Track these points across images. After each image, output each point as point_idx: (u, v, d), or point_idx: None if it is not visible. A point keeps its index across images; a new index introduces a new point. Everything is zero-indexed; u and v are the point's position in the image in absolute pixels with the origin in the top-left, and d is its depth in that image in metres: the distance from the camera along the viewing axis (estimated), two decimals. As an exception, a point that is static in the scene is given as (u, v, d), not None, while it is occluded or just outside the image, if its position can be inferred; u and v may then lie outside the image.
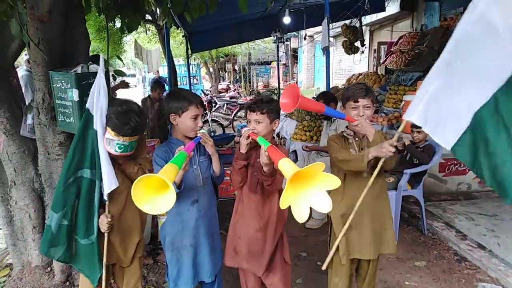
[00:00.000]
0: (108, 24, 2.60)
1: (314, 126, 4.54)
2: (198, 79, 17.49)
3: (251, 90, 16.90)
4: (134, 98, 1.96)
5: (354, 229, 1.83)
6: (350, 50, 6.92)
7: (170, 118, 1.75)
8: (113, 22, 2.59)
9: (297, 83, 17.88)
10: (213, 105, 10.03)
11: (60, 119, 2.07)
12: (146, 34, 10.65)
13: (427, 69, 1.66)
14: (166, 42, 5.46)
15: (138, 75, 27.52)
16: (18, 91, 2.52)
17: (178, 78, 10.35)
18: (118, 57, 3.36)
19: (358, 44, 6.86)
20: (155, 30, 8.15)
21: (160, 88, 5.23)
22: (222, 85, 18.06)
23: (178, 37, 11.28)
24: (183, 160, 1.43)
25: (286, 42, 16.55)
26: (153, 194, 1.21)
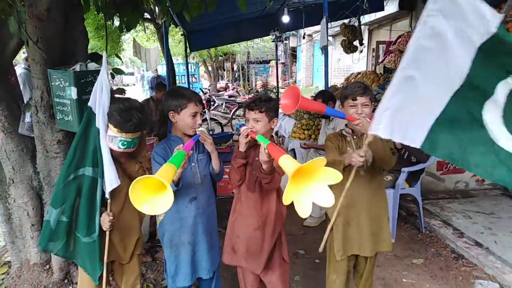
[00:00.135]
0: (106, 22, 2.60)
1: (312, 125, 4.55)
2: (196, 78, 17.47)
3: (250, 88, 16.90)
4: (133, 96, 1.96)
5: (351, 226, 1.85)
6: (349, 49, 6.92)
7: (169, 116, 1.75)
8: (111, 20, 2.60)
9: (295, 82, 17.90)
10: (211, 103, 10.02)
11: (58, 117, 2.07)
12: (145, 32, 10.62)
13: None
14: (164, 40, 5.44)
15: (136, 74, 27.51)
16: (16, 89, 2.52)
17: (177, 77, 10.32)
18: (116, 55, 3.35)
19: (356, 43, 6.86)
20: (154, 29, 8.13)
21: (164, 89, 5.15)
22: (221, 83, 18.04)
23: (176, 35, 11.26)
24: (181, 159, 1.43)
25: (285, 41, 16.57)
26: (151, 195, 1.20)
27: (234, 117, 9.33)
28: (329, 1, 3.63)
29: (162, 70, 12.53)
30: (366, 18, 8.03)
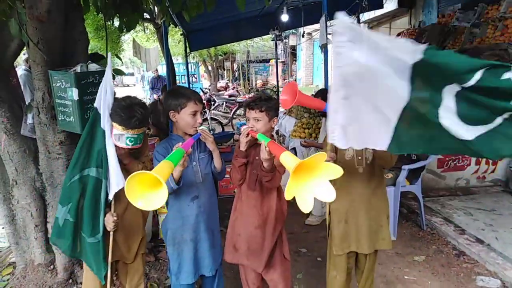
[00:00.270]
0: (106, 23, 2.60)
1: (313, 124, 4.55)
2: (197, 78, 17.46)
3: (250, 88, 16.89)
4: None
5: (349, 223, 1.86)
6: (349, 47, 6.91)
7: (169, 116, 1.76)
8: (111, 21, 2.60)
9: (295, 81, 17.88)
10: (212, 103, 10.01)
11: (60, 118, 2.08)
12: (145, 32, 10.61)
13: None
14: (164, 40, 5.44)
15: (136, 74, 27.48)
16: (18, 91, 2.54)
17: (177, 77, 10.33)
18: (116, 55, 3.36)
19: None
20: (154, 29, 8.11)
21: None
22: (221, 83, 18.04)
23: (176, 35, 11.26)
24: (180, 157, 1.43)
25: (284, 40, 16.55)
26: (146, 191, 1.21)
27: (234, 116, 9.33)
28: (328, -1, 3.63)
29: (162, 70, 12.50)
30: (366, 16, 8.02)
